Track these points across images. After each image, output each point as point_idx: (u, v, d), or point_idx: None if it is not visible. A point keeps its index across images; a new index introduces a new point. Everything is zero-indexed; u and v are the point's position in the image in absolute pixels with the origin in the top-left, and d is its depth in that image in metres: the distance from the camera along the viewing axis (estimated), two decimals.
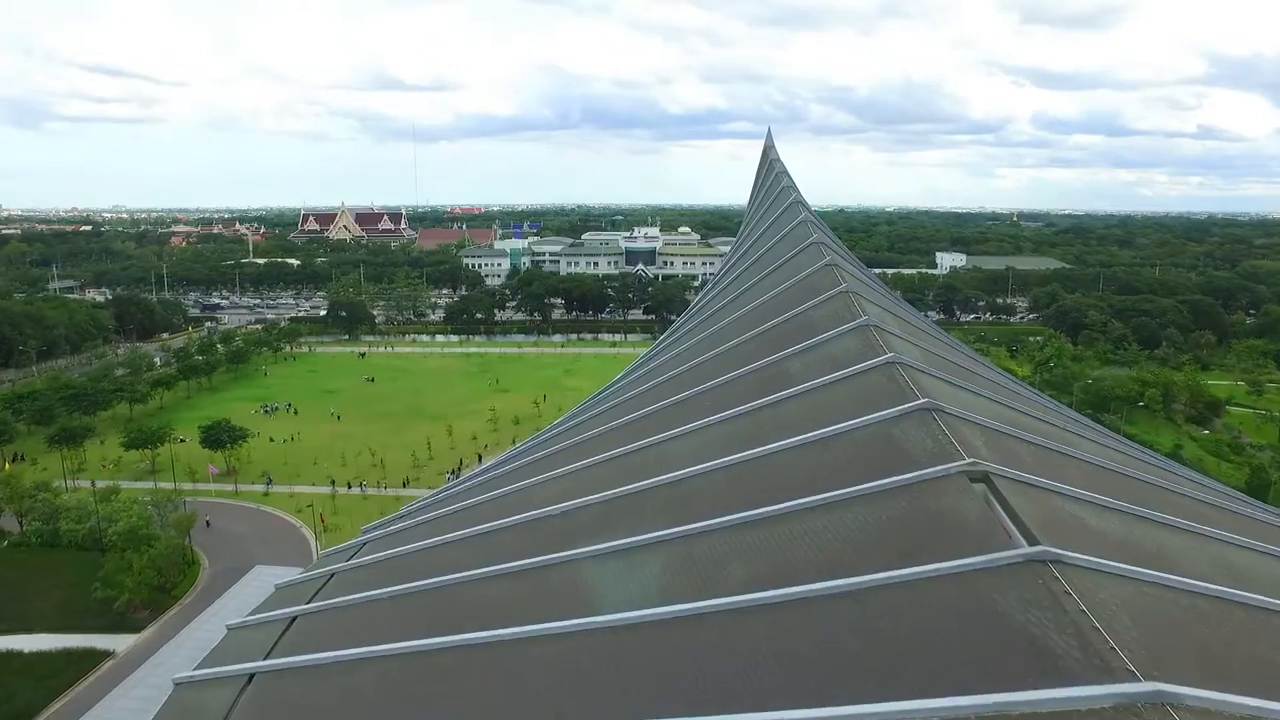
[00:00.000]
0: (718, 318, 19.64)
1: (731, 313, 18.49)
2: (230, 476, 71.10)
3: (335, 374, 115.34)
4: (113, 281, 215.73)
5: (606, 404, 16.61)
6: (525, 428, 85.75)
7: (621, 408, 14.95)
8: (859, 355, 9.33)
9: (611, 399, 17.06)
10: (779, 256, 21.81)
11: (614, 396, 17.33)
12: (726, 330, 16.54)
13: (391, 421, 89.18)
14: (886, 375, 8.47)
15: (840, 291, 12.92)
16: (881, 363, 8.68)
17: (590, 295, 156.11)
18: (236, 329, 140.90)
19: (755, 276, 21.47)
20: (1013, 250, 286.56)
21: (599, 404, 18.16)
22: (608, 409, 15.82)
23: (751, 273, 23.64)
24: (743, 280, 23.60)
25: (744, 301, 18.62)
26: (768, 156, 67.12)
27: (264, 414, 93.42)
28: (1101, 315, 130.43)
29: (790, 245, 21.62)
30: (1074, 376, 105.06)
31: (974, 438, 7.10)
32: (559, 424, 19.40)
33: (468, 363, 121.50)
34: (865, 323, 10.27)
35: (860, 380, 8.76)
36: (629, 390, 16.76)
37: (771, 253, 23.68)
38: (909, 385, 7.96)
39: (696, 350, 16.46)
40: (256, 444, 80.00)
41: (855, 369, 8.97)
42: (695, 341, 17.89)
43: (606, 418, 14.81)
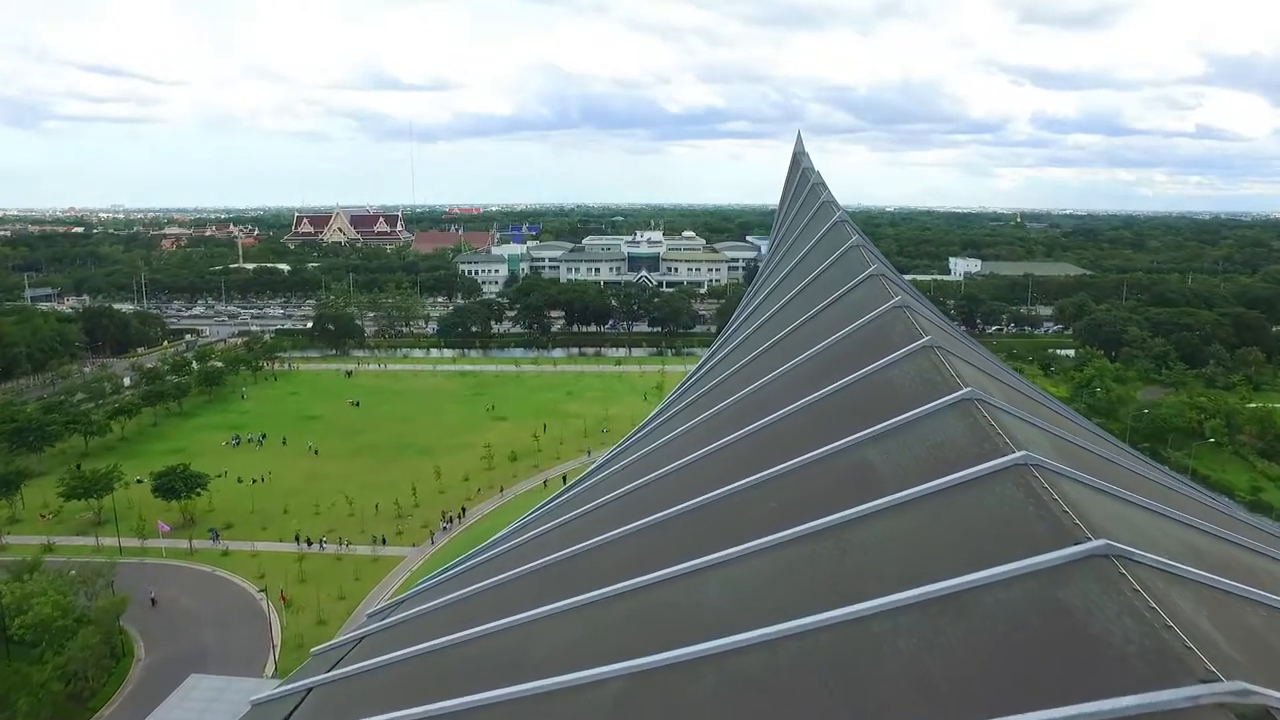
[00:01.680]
0: (766, 362, 17.30)
1: (782, 357, 16.26)
2: (187, 529, 62.37)
3: (318, 396, 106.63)
4: (93, 289, 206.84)
5: (627, 484, 13.69)
6: (523, 465, 77.28)
7: (647, 499, 12.32)
8: (969, 449, 7.11)
9: (634, 475, 14.23)
10: (832, 287, 19.21)
11: (636, 471, 14.53)
12: (780, 386, 14.23)
13: (375, 457, 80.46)
14: (1022, 489, 6.09)
15: (922, 347, 10.48)
16: (1008, 466, 6.37)
17: (592, 307, 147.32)
18: (213, 345, 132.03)
19: (805, 310, 18.99)
20: (1025, 254, 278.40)
21: (616, 477, 15.64)
22: (629, 498, 13.12)
23: (800, 305, 20.89)
24: (790, 313, 20.96)
25: (796, 345, 16.38)
26: (799, 163, 57.91)
27: (233, 446, 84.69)
28: (1140, 330, 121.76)
29: (844, 273, 19.24)
30: (1120, 400, 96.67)
31: (1213, 632, 4.79)
32: (562, 511, 15.97)
33: (462, 383, 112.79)
34: (968, 397, 7.92)
35: (981, 493, 6.43)
36: (655, 465, 13.81)
37: (822, 282, 20.99)
38: (1063, 512, 5.61)
39: (744, 413, 13.78)
40: (222, 485, 71.30)
41: (970, 474, 6.57)
42: (741, 398, 15.31)
43: (627, 514, 11.82)
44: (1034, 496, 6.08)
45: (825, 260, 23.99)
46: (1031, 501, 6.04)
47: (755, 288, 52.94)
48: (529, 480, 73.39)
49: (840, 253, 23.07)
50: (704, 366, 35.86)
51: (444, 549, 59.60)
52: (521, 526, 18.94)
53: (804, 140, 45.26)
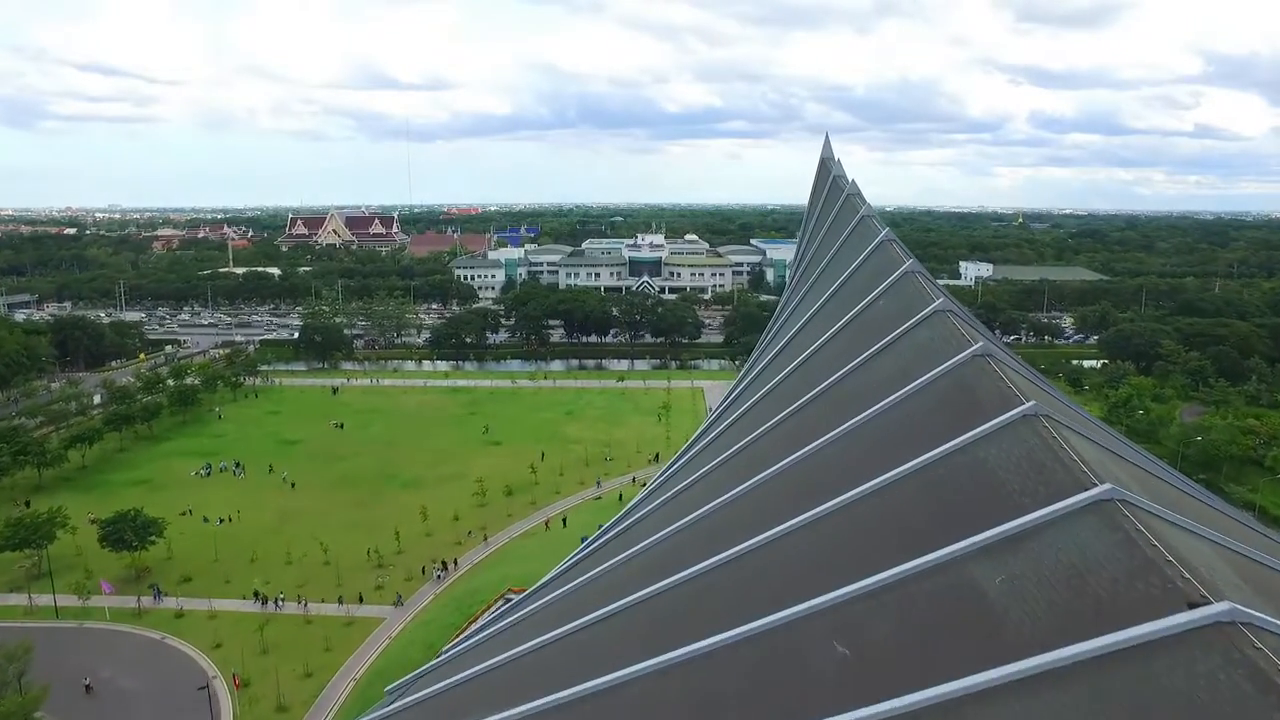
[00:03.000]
0: (817, 417, 16.54)
1: (836, 413, 15.22)
2: (140, 582, 55.33)
3: (300, 416, 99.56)
4: (76, 295, 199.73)
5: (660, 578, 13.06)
6: (519, 500, 70.32)
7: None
8: (1135, 586, 5.50)
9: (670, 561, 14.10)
10: (887, 323, 18.18)
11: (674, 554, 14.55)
12: (840, 456, 13.24)
13: (356, 490, 73.44)
14: (1224, 660, 4.97)
15: (1023, 415, 9.67)
16: (1207, 623, 5.09)
17: (592, 317, 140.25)
18: (192, 359, 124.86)
19: (857, 347, 18.03)
20: (1034, 258, 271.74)
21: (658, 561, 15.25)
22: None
23: (850, 340, 20.07)
24: (839, 349, 20.16)
25: (854, 397, 15.40)
26: (828, 169, 52.41)
27: (203, 476, 77.68)
28: (1174, 343, 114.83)
29: (900, 307, 18.20)
30: (1159, 421, 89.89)
31: None
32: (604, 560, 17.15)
33: (454, 401, 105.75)
34: (1107, 496, 6.65)
35: (1184, 670, 5.02)
36: (694, 555, 13.35)
37: (875, 316, 19.99)
38: None
39: (799, 494, 12.80)
40: (184, 527, 64.34)
41: (1155, 632, 5.12)
42: (792, 468, 14.21)
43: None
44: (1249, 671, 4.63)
45: (874, 287, 21.47)
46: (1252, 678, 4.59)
47: (788, 306, 45.35)
48: (525, 520, 66.38)
49: (893, 281, 20.67)
50: (739, 403, 30.01)
51: (431, 608, 52.69)
52: (560, 578, 18.95)
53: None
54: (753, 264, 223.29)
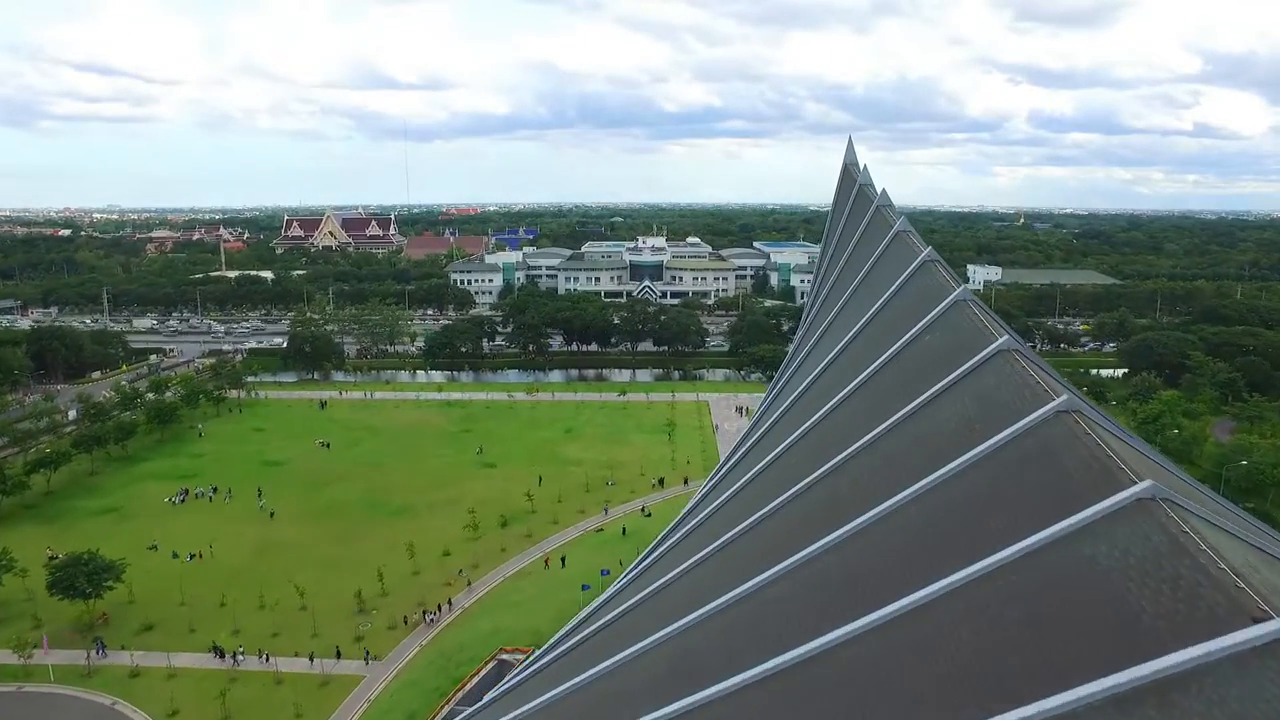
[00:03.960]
0: (885, 476, 16.19)
1: (907, 470, 15.13)
2: (92, 633, 50.18)
3: (285, 433, 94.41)
4: (63, 300, 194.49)
5: None
6: (514, 532, 65.22)
7: None
8: None
9: None
10: (943, 361, 17.79)
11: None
12: (911, 543, 13.52)
13: (340, 520, 68.32)
14: None
15: (1141, 497, 9.41)
16: None
17: (593, 326, 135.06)
18: (173, 372, 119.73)
19: (917, 385, 17.51)
20: (1042, 260, 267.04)
21: None
22: None
23: (905, 375, 19.74)
24: (895, 386, 19.69)
25: (924, 454, 15.06)
26: (851, 176, 53.08)
27: (177, 503, 72.55)
28: (1202, 354, 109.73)
29: (955, 342, 17.87)
30: (1194, 440, 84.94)
31: None
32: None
33: (448, 417, 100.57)
34: None
35: None
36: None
37: (927, 351, 19.77)
38: None
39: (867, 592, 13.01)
40: (151, 565, 59.32)
41: None
42: (863, 548, 14.64)
43: None
44: None
45: (920, 314, 20.83)
46: None
47: (817, 324, 40.05)
48: (520, 556, 61.21)
49: (943, 310, 20.26)
50: (774, 438, 28.25)
51: (416, 663, 47.57)
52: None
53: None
54: (756, 268, 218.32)
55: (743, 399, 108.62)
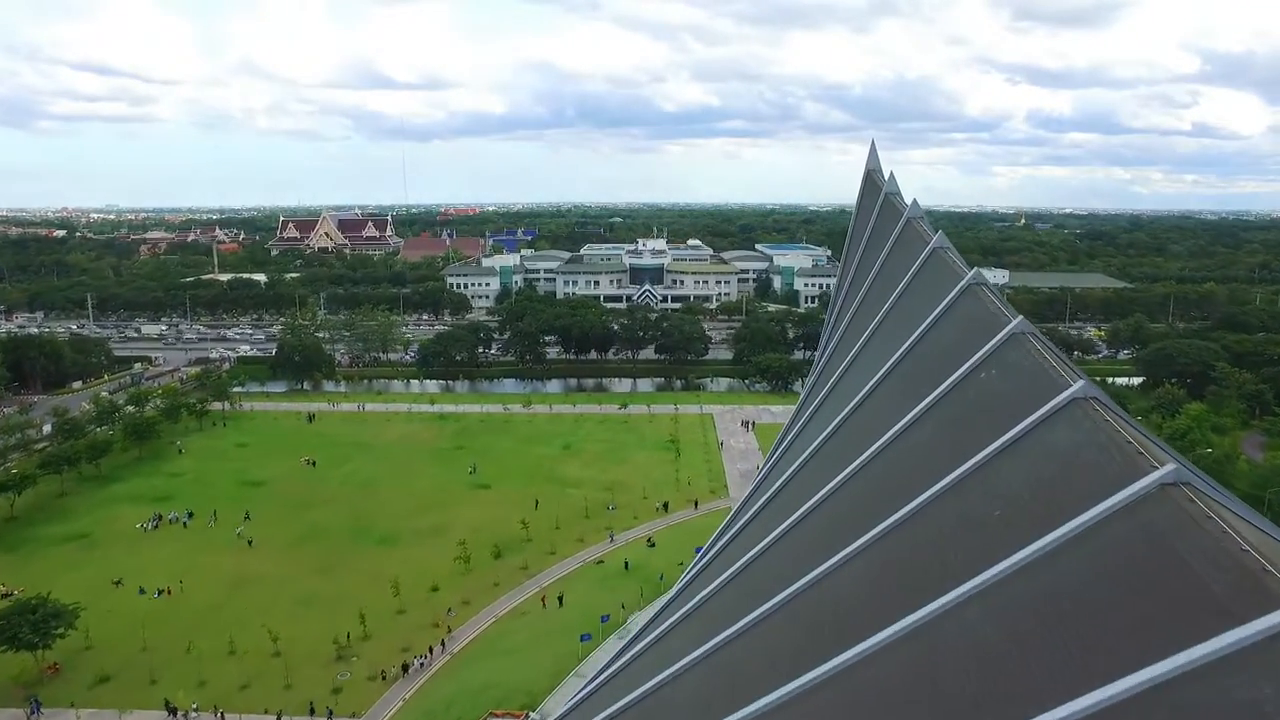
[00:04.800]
0: (943, 555, 14.96)
1: (968, 548, 13.89)
2: (35, 688, 45.70)
3: (270, 449, 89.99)
4: (49, 304, 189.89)
5: None
6: (508, 563, 60.82)
7: None
8: None
9: None
10: (1005, 408, 15.79)
11: None
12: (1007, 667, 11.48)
13: (323, 549, 63.91)
14: None
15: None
16: None
17: (592, 334, 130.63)
18: (155, 384, 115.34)
19: (973, 438, 15.52)
20: (1048, 262, 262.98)
21: None
22: None
23: (956, 423, 18.02)
24: (944, 435, 18.08)
25: (987, 531, 14.02)
26: (875, 184, 41.53)
27: (150, 529, 68.10)
28: (1227, 365, 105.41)
29: (1017, 386, 16.32)
30: (1226, 458, 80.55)
31: None
32: None
33: (440, 431, 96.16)
34: None
35: None
36: None
37: (986, 396, 17.80)
38: None
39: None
40: (116, 602, 54.94)
41: None
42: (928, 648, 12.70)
43: None
44: None
45: (967, 349, 18.65)
46: None
47: (844, 346, 35.65)
48: (515, 591, 56.73)
49: (998, 345, 18.10)
50: (804, 485, 25.24)
51: None
52: None
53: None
54: (758, 271, 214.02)
55: (748, 411, 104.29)
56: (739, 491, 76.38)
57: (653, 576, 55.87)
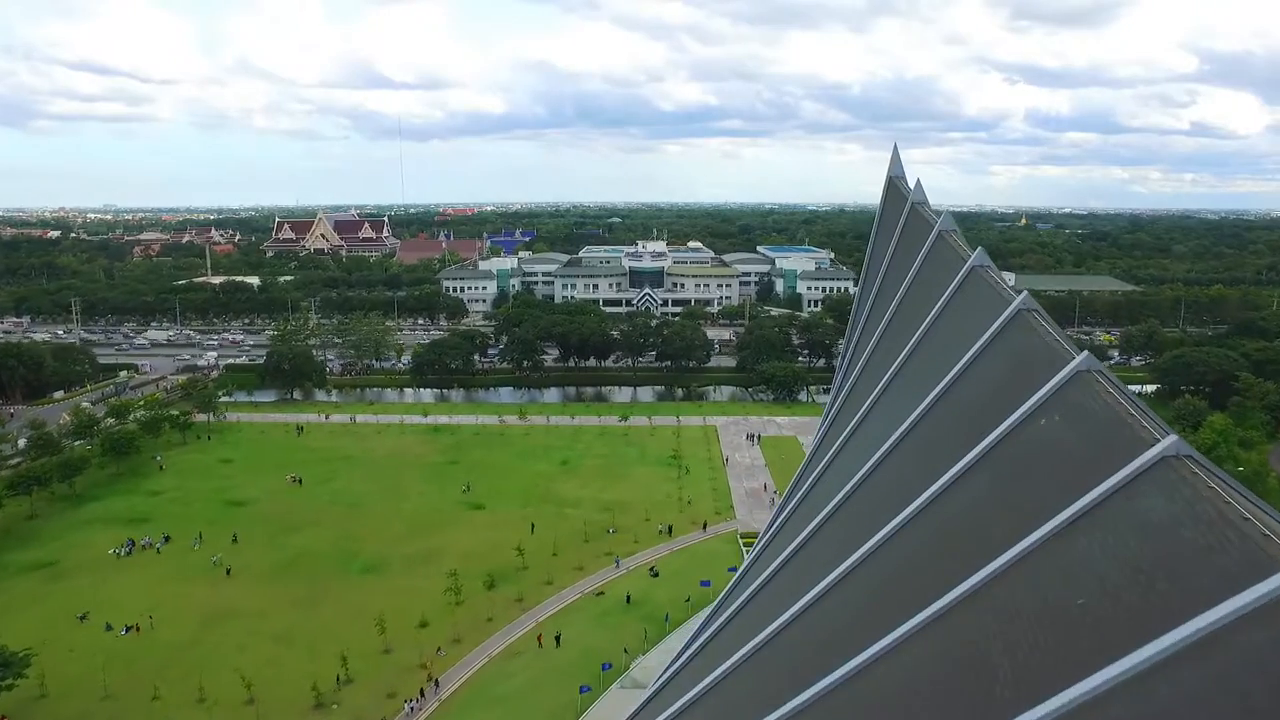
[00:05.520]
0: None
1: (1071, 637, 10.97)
2: None
3: (256, 464, 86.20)
4: (35, 309, 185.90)
5: None
6: (502, 594, 57.07)
7: None
8: None
9: None
10: (1084, 460, 13.39)
11: None
12: None
13: (306, 578, 60.11)
14: None
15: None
16: None
17: (591, 341, 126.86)
18: (138, 394, 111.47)
19: (1052, 501, 12.83)
20: (1053, 264, 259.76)
21: None
22: None
23: (1029, 476, 15.29)
24: (1011, 486, 15.66)
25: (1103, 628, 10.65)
26: (899, 192, 38.22)
27: (123, 555, 64.26)
28: (1250, 375, 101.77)
29: (1083, 431, 13.97)
30: (1256, 475, 76.93)
31: None
32: None
33: (434, 445, 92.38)
34: None
35: None
36: None
37: (1056, 448, 14.85)
38: None
39: None
40: (79, 640, 51.15)
41: None
42: None
43: None
44: None
45: (1027, 387, 15.72)
46: None
47: (877, 374, 32.45)
48: (510, 627, 52.91)
49: (1060, 385, 15.27)
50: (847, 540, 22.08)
51: None
52: None
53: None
54: (760, 274, 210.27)
55: (753, 423, 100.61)
56: (745, 512, 72.74)
57: (657, 614, 52.13)
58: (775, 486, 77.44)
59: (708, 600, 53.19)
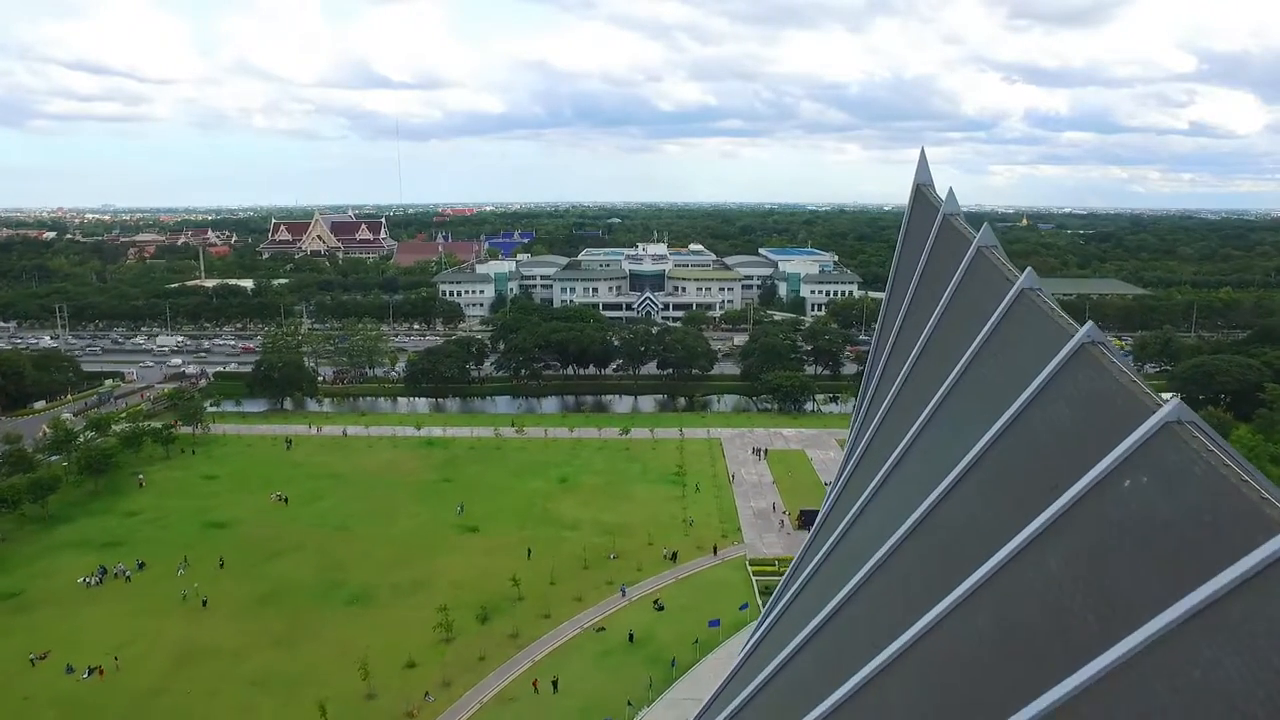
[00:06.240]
0: None
1: None
2: None
3: (240, 482, 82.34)
4: (22, 313, 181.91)
5: None
6: (496, 629, 53.24)
7: None
8: None
9: None
10: (1189, 550, 11.56)
11: None
12: None
13: (286, 611, 56.23)
14: None
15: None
16: None
17: (591, 351, 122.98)
18: (122, 404, 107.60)
19: (1140, 599, 11.60)
20: (1059, 267, 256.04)
21: None
22: None
23: (1110, 573, 12.88)
24: (1086, 586, 13.15)
25: None
26: (926, 201, 35.06)
27: (93, 585, 60.36)
28: (1276, 384, 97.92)
29: (1187, 507, 12.12)
30: None
31: None
32: None
33: (427, 460, 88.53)
34: None
35: None
36: None
37: (1145, 525, 12.78)
38: None
39: None
40: (35, 685, 47.32)
41: None
42: None
43: None
44: None
45: (1102, 441, 13.72)
46: None
47: (915, 401, 28.42)
48: (504, 667, 49.01)
49: (1145, 439, 13.38)
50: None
51: None
52: None
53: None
54: (763, 277, 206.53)
55: (759, 435, 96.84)
56: (754, 536, 68.91)
57: (662, 655, 48.35)
58: (784, 507, 73.63)
59: (716, 642, 49.50)
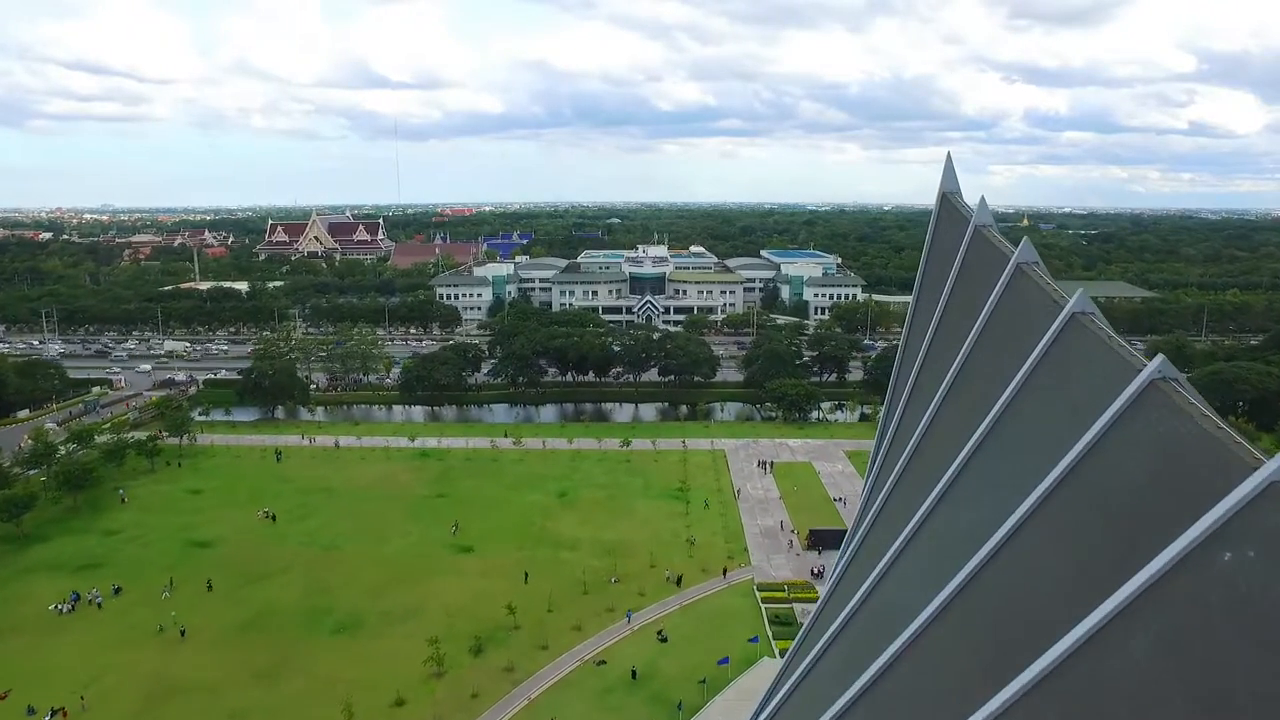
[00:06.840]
0: None
1: None
2: None
3: (227, 498, 79.27)
4: (12, 317, 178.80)
5: None
6: (491, 662, 50.19)
7: None
8: None
9: None
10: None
11: None
12: None
13: (269, 641, 53.11)
14: None
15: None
16: None
17: (591, 358, 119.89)
18: (107, 414, 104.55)
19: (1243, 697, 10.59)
20: (1063, 269, 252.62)
21: None
22: None
23: (1212, 669, 11.45)
24: (1182, 680, 11.80)
25: None
26: (953, 209, 33.06)
27: (65, 612, 57.24)
28: None
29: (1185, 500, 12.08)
30: None
31: None
32: None
33: (421, 474, 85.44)
34: None
35: None
36: None
37: (1252, 612, 11.13)
38: None
39: None
40: None
41: None
42: None
43: None
44: None
45: (1186, 501, 12.41)
46: None
47: (945, 441, 26.02)
48: (497, 708, 45.81)
49: (1247, 503, 11.74)
50: None
51: None
52: None
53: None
54: (765, 280, 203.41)
55: (764, 446, 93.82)
56: (761, 557, 65.80)
57: (666, 695, 45.28)
58: (793, 525, 70.59)
59: (725, 681, 46.44)
